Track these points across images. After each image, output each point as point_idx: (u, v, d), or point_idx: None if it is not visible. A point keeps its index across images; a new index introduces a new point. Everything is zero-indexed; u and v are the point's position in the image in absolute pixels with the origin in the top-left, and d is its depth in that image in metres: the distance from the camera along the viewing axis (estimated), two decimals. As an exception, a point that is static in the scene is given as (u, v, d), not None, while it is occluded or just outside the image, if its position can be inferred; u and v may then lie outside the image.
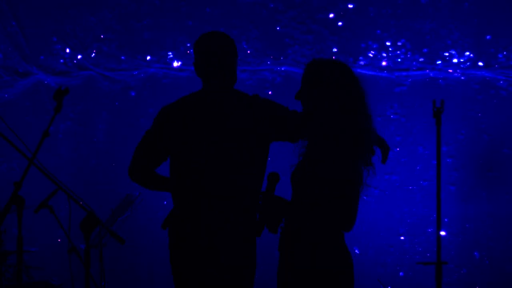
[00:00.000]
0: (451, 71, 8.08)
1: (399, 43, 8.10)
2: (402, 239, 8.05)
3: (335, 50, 8.12)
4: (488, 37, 8.04)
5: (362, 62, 8.12)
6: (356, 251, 8.02)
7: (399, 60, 8.11)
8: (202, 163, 4.46)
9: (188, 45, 8.15)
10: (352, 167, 4.01)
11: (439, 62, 8.09)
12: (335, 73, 4.12)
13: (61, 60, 8.31)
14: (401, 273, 8.04)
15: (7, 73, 8.29)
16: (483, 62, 8.06)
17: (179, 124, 4.53)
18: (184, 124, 4.52)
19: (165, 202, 7.99)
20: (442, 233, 7.27)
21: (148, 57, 8.26)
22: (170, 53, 8.21)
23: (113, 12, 8.24)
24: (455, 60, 8.07)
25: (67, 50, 8.30)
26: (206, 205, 4.44)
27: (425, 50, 8.08)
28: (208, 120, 4.51)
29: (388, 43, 8.11)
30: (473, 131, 8.03)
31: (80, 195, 4.87)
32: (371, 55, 8.12)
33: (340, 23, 8.11)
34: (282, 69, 8.20)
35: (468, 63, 8.06)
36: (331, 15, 8.12)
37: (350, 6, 8.10)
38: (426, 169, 8.01)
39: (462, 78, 8.06)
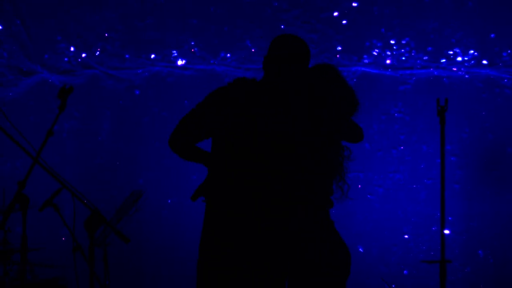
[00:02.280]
0: (455, 69, 8.07)
1: (403, 42, 8.09)
2: (406, 238, 8.05)
3: (339, 48, 8.12)
4: (492, 35, 8.03)
5: (366, 61, 8.12)
6: (360, 249, 8.02)
7: (403, 58, 8.11)
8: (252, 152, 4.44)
9: (192, 43, 8.16)
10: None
11: (443, 60, 8.08)
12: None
13: (65, 59, 8.32)
14: (405, 272, 8.04)
15: (11, 72, 8.30)
16: (487, 61, 8.05)
17: (232, 106, 4.51)
18: (238, 107, 4.50)
19: (169, 201, 7.99)
20: (446, 231, 7.27)
21: (152, 56, 8.26)
22: (174, 52, 8.21)
23: (117, 11, 8.24)
24: (459, 59, 8.07)
25: (71, 49, 8.31)
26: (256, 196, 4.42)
27: (429, 48, 8.08)
28: (261, 108, 4.50)
29: (392, 42, 8.11)
30: (477, 129, 8.03)
31: (85, 194, 4.88)
32: (375, 54, 8.12)
33: (344, 22, 8.11)
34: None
35: (472, 62, 8.05)
36: (336, 14, 8.12)
37: (354, 4, 8.10)
38: (430, 167, 8.01)
39: (466, 76, 8.06)
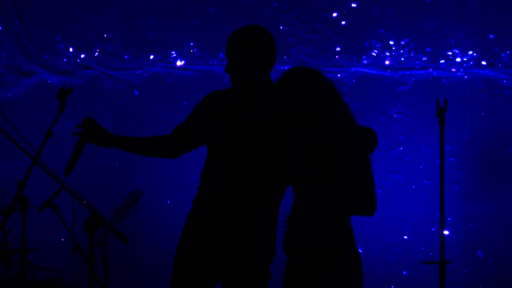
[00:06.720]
0: (454, 70, 8.07)
1: (402, 42, 8.09)
2: (405, 238, 8.05)
3: (338, 49, 8.12)
4: (491, 36, 8.03)
5: (365, 61, 8.11)
6: (360, 250, 8.01)
7: (402, 59, 8.11)
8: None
9: (192, 44, 8.16)
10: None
11: (443, 61, 8.08)
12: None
13: (65, 59, 8.32)
14: (404, 272, 8.04)
15: (11, 72, 8.30)
16: (486, 61, 8.05)
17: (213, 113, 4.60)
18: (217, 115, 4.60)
19: (168, 202, 7.99)
20: (446, 232, 7.26)
21: (152, 56, 8.26)
22: (174, 52, 8.20)
23: (116, 11, 8.24)
24: (458, 59, 8.07)
25: (71, 49, 8.31)
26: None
27: (429, 49, 8.08)
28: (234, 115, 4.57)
29: (391, 42, 8.10)
30: (477, 130, 8.03)
31: (84, 194, 4.88)
32: (375, 54, 8.12)
33: (343, 22, 8.11)
34: (286, 68, 8.19)
35: (471, 62, 8.05)
36: (335, 14, 8.12)
37: (354, 5, 8.10)
38: (429, 168, 8.00)
39: (466, 77, 8.05)
